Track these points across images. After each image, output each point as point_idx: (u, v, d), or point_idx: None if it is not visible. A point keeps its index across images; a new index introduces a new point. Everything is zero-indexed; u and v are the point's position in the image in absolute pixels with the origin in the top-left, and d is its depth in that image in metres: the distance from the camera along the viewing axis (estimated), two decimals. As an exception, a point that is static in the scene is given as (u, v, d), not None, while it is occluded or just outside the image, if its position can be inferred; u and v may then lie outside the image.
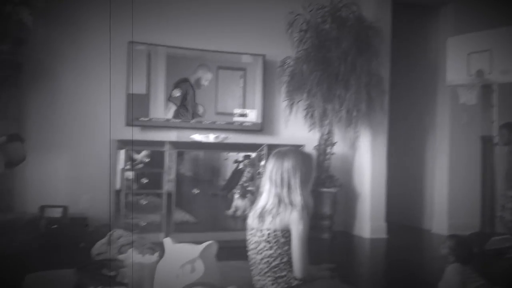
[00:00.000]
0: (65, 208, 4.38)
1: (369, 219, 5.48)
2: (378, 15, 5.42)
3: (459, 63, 4.85)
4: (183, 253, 1.91)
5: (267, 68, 5.31)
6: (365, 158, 5.57)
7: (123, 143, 4.51)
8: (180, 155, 4.74)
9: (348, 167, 5.71)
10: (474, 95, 4.79)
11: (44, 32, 4.56)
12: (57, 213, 4.34)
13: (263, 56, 5.28)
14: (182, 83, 5.00)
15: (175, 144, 4.69)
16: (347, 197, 5.63)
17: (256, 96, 5.28)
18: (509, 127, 4.55)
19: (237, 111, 5.23)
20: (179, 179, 4.68)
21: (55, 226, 4.28)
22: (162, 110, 4.93)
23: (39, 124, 4.62)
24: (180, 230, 4.54)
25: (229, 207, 4.93)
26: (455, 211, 5.66)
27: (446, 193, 5.75)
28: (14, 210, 4.30)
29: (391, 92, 5.64)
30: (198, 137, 4.84)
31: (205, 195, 4.86)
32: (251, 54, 5.24)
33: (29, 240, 4.16)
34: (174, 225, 4.59)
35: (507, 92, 5.33)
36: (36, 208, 4.35)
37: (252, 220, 2.22)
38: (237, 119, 5.21)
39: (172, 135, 4.93)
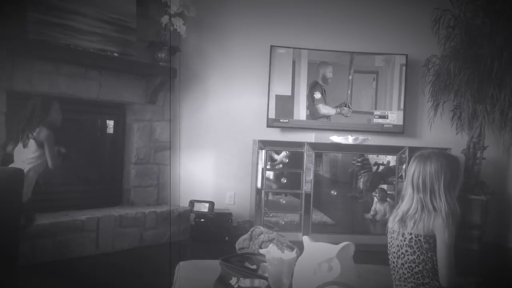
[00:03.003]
0: (211, 204, 4.69)
1: (526, 231, 4.95)
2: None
3: None
4: (321, 252, 1.94)
5: (410, 68, 5.11)
6: (522, 164, 5.04)
7: (264, 144, 4.69)
8: (318, 156, 4.79)
9: (501, 173, 5.22)
10: None
11: (195, 40, 4.96)
12: (204, 208, 4.68)
13: (406, 55, 5.09)
14: (315, 85, 5.07)
15: (313, 145, 4.74)
16: (501, 206, 5.14)
17: (398, 97, 5.11)
18: None
19: (377, 112, 5.12)
20: (318, 180, 4.72)
21: (203, 220, 4.61)
22: (302, 111, 5.04)
23: (191, 125, 5.03)
24: (317, 231, 4.58)
25: (368, 210, 4.84)
26: None
27: None
28: (169, 204, 4.74)
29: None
30: (337, 138, 4.84)
31: (343, 197, 4.83)
32: (391, 54, 5.09)
33: (181, 231, 4.57)
34: (311, 225, 4.64)
35: None
36: (187, 203, 4.74)
37: (393, 224, 2.17)
38: (377, 120, 5.10)
39: (310, 136, 5.01)
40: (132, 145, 4.62)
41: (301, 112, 5.06)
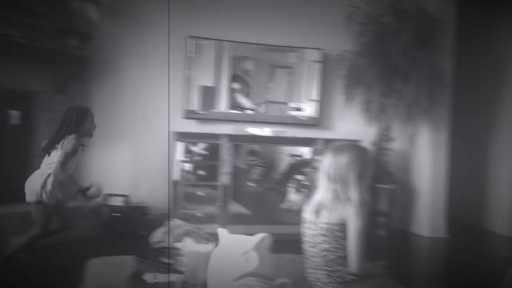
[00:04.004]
0: (126, 197, 4.55)
1: (427, 217, 5.33)
2: (441, 7, 5.23)
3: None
4: (238, 244, 1.95)
5: (325, 62, 5.27)
6: (425, 154, 5.41)
7: (181, 135, 4.62)
8: (236, 148, 4.81)
9: (406, 163, 5.57)
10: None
11: (109, 27, 4.76)
12: (119, 201, 4.53)
13: (321, 50, 5.24)
14: (236, 77, 5.09)
15: (231, 137, 4.75)
16: (405, 194, 5.49)
17: (313, 90, 5.26)
18: None
19: (293, 105, 5.23)
20: (236, 172, 4.74)
21: (117, 214, 4.46)
22: (222, 103, 5.03)
23: (103, 116, 4.82)
24: (235, 222, 4.61)
25: (283, 200, 4.95)
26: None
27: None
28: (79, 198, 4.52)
29: (455, 87, 5.43)
30: (253, 130, 4.89)
31: (260, 188, 4.90)
32: (308, 48, 5.22)
33: (93, 226, 4.39)
34: (229, 216, 4.66)
35: None
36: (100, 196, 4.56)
37: (308, 214, 2.22)
38: (293, 113, 5.22)
39: (229, 128, 5.01)
40: (39, 137, 4.34)
41: (221, 103, 5.04)
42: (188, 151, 4.71)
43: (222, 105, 5.04)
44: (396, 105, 5.03)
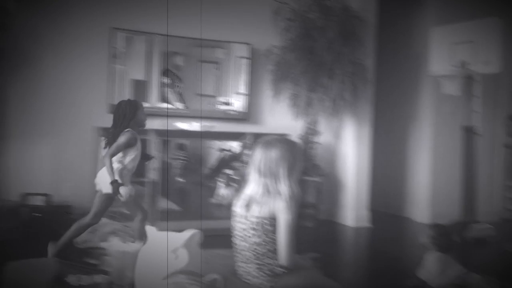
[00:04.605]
0: (48, 196, 4.33)
1: (352, 208, 5.54)
2: (363, 5, 5.43)
3: (442, 54, 4.88)
4: (167, 242, 1.91)
5: (254, 57, 5.30)
6: (349, 147, 5.62)
7: (106, 131, 4.46)
8: (164, 143, 4.72)
9: (332, 156, 5.75)
10: (457, 85, 4.84)
11: (26, 17, 4.48)
12: (40, 201, 4.31)
13: (249, 45, 5.26)
14: (166, 71, 5.00)
15: (159, 132, 4.66)
16: (332, 186, 5.67)
17: (242, 85, 5.27)
18: None
19: (221, 99, 5.21)
20: (165, 168, 4.66)
21: (38, 214, 4.24)
22: (151, 97, 4.92)
23: (21, 111, 4.56)
24: (165, 219, 4.53)
25: (213, 195, 4.93)
26: (437, 200, 5.75)
27: (428, 182, 5.82)
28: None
29: (377, 82, 5.68)
30: (182, 125, 4.83)
31: (190, 183, 4.85)
32: (236, 43, 5.22)
33: (11, 228, 4.12)
34: (158, 213, 4.58)
35: (489, 83, 5.42)
36: (18, 196, 4.30)
37: (238, 208, 2.22)
38: (223, 107, 5.20)
39: (158, 123, 4.91)
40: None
41: (152, 98, 4.92)
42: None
43: (153, 99, 4.93)
44: (322, 100, 5.17)
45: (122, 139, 3.32)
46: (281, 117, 5.42)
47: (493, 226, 4.80)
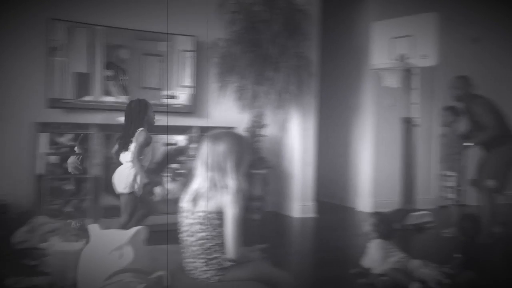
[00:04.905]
0: (-19, 195, 4.11)
1: (298, 199, 5.63)
2: (307, -1, 5.49)
3: (382, 47, 5.03)
4: (111, 240, 1.86)
5: (199, 50, 5.24)
6: (295, 140, 5.69)
7: (44, 126, 4.28)
8: (107, 138, 4.59)
9: (278, 148, 5.80)
10: (396, 78, 5.00)
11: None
12: (-29, 201, 4.07)
13: (195, 37, 5.20)
14: (109, 64, 4.85)
15: (101, 127, 4.52)
16: (278, 178, 5.73)
17: (187, 77, 5.20)
18: (452, 110, 4.77)
19: (167, 93, 5.13)
20: (108, 163, 4.53)
21: (-29, 214, 4.01)
22: (93, 91, 4.75)
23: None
24: (109, 215, 4.40)
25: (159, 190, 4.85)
26: (379, 189, 5.94)
27: (371, 172, 6.01)
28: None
29: (321, 75, 5.77)
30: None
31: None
32: (181, 35, 5.14)
33: None
34: (101, 210, 4.45)
35: (427, 76, 5.64)
36: None
37: (185, 203, 2.20)
38: (167, 101, 5.11)
39: (100, 117, 4.76)
40: None
41: (95, 91, 4.76)
42: (53, 143, 4.37)
43: (96, 92, 4.76)
44: (268, 93, 5.19)
45: (140, 138, 3.39)
46: (227, 110, 5.40)
47: (431, 213, 5.02)
